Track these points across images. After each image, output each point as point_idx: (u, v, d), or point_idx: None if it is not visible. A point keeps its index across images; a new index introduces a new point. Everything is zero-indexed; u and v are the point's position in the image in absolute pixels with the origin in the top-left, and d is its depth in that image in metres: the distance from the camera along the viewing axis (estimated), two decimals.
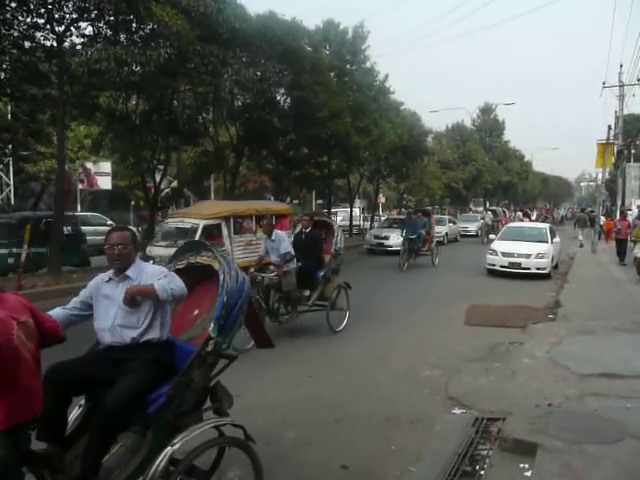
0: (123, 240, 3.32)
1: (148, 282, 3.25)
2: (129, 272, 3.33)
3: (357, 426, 5.04)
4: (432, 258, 18.04)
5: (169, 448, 2.99)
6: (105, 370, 3.22)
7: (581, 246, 24.07)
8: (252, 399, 5.34)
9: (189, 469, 3.15)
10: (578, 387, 5.78)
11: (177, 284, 3.24)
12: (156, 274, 3.31)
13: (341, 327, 8.85)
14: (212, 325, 3.17)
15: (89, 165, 27.37)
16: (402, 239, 17.24)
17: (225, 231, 12.10)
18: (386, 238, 21.76)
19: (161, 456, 2.96)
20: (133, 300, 3.23)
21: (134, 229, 5.21)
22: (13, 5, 11.95)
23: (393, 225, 23.47)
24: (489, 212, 30.03)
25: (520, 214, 33.64)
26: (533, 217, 37.01)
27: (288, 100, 19.80)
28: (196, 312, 3.77)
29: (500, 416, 5.08)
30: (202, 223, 11.49)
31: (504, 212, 37.61)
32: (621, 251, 17.47)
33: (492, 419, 5.08)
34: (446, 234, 26.66)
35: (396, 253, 19.93)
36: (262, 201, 19.59)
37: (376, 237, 22.45)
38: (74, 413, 3.32)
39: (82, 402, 3.40)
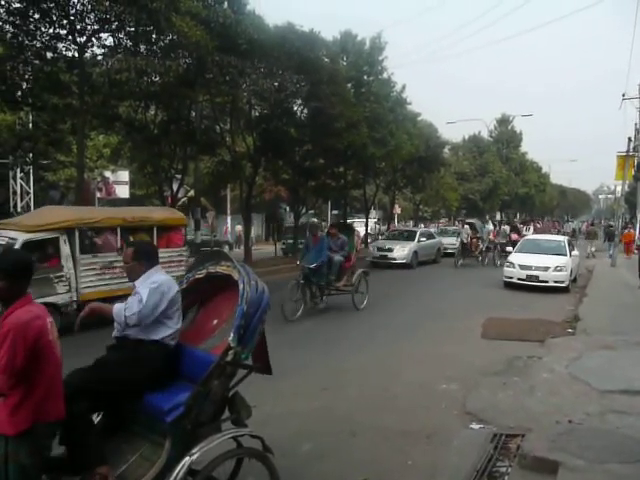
0: (125, 257, 3.63)
1: (138, 292, 3.40)
2: (136, 282, 3.52)
3: (373, 439, 4.96)
4: (353, 297, 11.40)
5: (187, 458, 2.97)
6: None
7: (593, 257, 25.06)
8: (267, 410, 5.29)
9: None
10: (599, 403, 5.64)
11: (133, 311, 3.30)
12: (143, 285, 3.42)
13: (363, 305, 11.43)
14: (232, 335, 3.14)
15: (107, 174, 27.68)
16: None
17: (66, 249, 9.12)
18: (390, 250, 20.74)
19: (179, 466, 2.95)
20: (88, 315, 3.41)
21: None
22: (36, 16, 12.20)
23: (398, 237, 22.89)
24: (466, 226, 22.57)
25: (507, 228, 25.96)
26: (529, 233, 28.85)
27: (305, 111, 19.89)
28: (215, 322, 3.76)
29: (519, 432, 4.97)
30: (22, 238, 8.59)
31: (497, 225, 28.48)
32: None
33: (511, 435, 4.97)
34: (415, 253, 20.95)
35: (401, 266, 19.91)
36: (141, 208, 14.90)
37: (379, 249, 21.31)
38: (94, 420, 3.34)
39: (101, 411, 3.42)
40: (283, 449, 3.99)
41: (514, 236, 24.11)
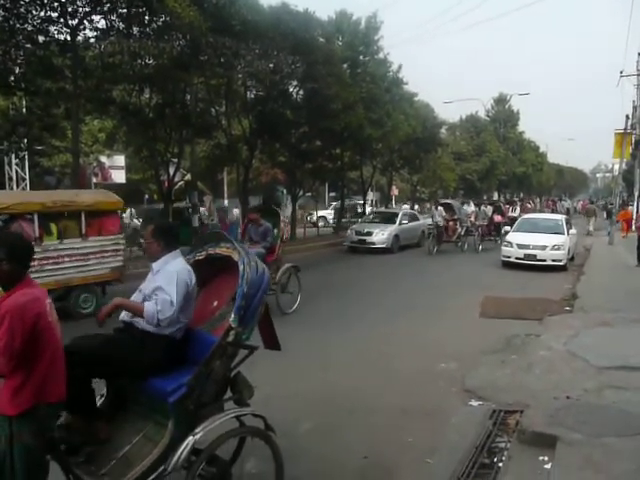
0: (146, 235, 3.67)
1: (157, 284, 3.38)
2: (154, 264, 3.53)
3: (373, 418, 5.03)
4: (278, 299, 9.04)
5: (191, 438, 3.01)
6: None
7: (591, 235, 25.16)
8: (268, 391, 5.33)
9: (210, 459, 3.18)
10: (596, 380, 5.71)
11: (166, 315, 3.27)
12: (166, 279, 3.37)
13: (292, 309, 9.23)
14: (233, 315, 3.16)
15: (103, 159, 27.50)
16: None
17: None
18: (369, 234, 19.22)
19: (183, 445, 2.99)
20: (112, 310, 3.40)
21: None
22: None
23: (378, 219, 21.18)
24: (439, 207, 19.87)
25: (489, 209, 22.27)
26: (515, 213, 25.67)
27: (301, 92, 19.73)
28: (215, 303, 3.78)
29: (518, 408, 5.03)
30: None
31: (480, 206, 22.99)
32: None
33: (510, 411, 5.04)
34: (396, 237, 19.60)
35: (381, 251, 18.60)
36: (65, 191, 12.78)
37: (358, 233, 19.58)
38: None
39: (104, 392, 3.47)
40: (284, 429, 4.03)
41: (497, 218, 21.66)
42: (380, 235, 19.20)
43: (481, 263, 16.46)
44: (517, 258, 15.19)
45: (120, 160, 28.43)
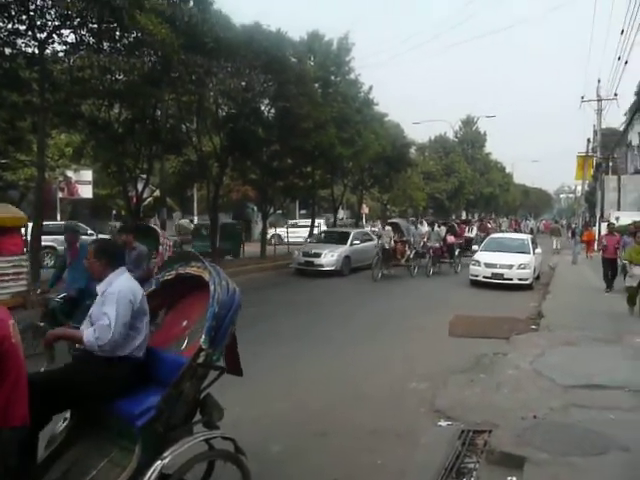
0: (88, 256, 3.55)
1: (99, 309, 3.32)
2: (99, 287, 3.46)
3: (343, 439, 4.98)
4: None
5: (159, 462, 2.93)
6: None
7: (557, 253, 26.42)
8: (237, 412, 5.24)
9: None
10: (562, 398, 5.80)
11: (105, 341, 3.17)
12: (107, 301, 3.29)
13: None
14: (203, 336, 3.11)
15: (70, 173, 27.01)
16: None
17: None
18: (316, 255, 17.66)
19: (151, 470, 2.90)
20: (51, 343, 3.35)
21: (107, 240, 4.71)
22: None
23: (329, 239, 19.60)
24: (387, 227, 18.46)
25: (442, 230, 19.93)
26: (472, 234, 24.78)
27: (272, 110, 19.81)
28: (184, 323, 3.69)
29: (486, 428, 5.06)
30: None
31: (433, 225, 21.02)
32: (610, 275, 13.96)
33: (478, 431, 5.05)
34: (347, 258, 18.14)
35: (329, 274, 17.13)
36: None
37: (305, 254, 18.03)
38: (59, 427, 3.29)
39: (67, 416, 3.35)
40: (253, 451, 3.95)
41: (450, 239, 19.67)
42: (329, 257, 17.66)
43: (434, 286, 16.48)
44: (485, 277, 15.44)
45: (87, 175, 27.99)
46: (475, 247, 19.46)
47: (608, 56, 24.91)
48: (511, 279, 15.17)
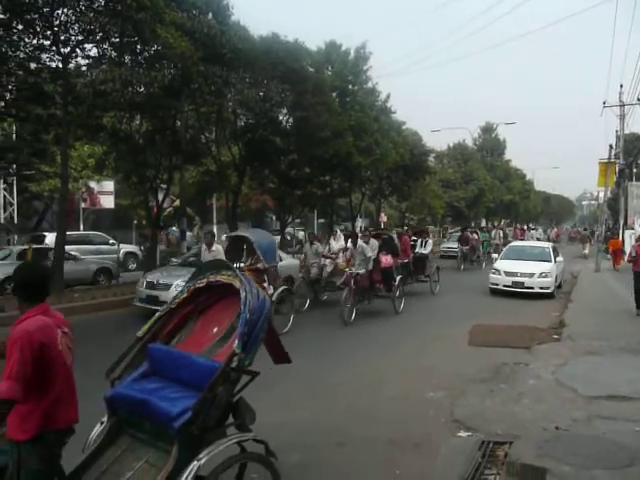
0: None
1: None
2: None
3: (361, 450, 4.95)
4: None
5: (195, 462, 3.02)
6: None
7: (585, 257, 27.58)
8: (258, 420, 5.25)
9: None
10: (585, 410, 5.70)
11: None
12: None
13: (285, 330, 9.24)
14: (236, 342, 3.21)
15: (92, 184, 27.49)
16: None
17: None
18: (166, 287, 10.90)
19: (188, 471, 2.98)
20: None
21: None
22: (20, 27, 12.12)
23: (180, 265, 13.27)
24: (340, 232, 14.96)
25: (372, 245, 12.13)
26: (426, 249, 16.50)
27: (290, 120, 19.93)
28: (215, 329, 3.82)
29: (507, 440, 4.99)
30: None
31: (354, 237, 12.09)
32: None
33: (499, 443, 4.99)
34: None
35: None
36: None
37: (149, 286, 11.40)
38: (95, 430, 3.41)
39: (104, 419, 3.45)
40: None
41: (386, 260, 12.39)
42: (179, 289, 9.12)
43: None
44: (505, 286, 15.25)
45: (109, 186, 28.46)
46: (495, 255, 19.14)
47: (630, 60, 24.56)
48: (532, 288, 14.97)
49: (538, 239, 33.34)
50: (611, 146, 28.23)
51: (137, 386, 3.42)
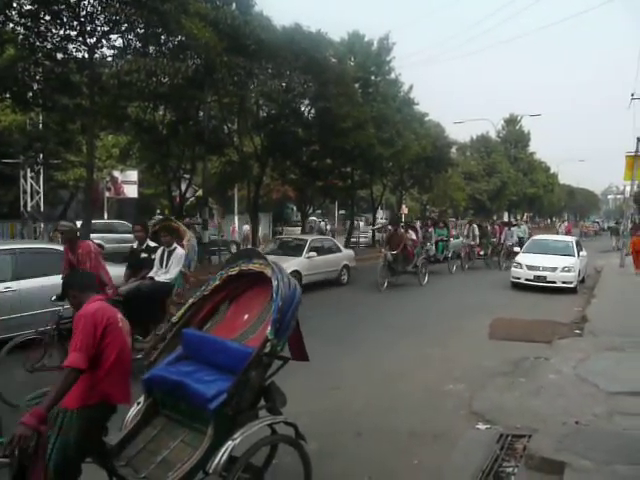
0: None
1: None
2: None
3: (379, 439, 5.00)
4: None
5: (230, 442, 3.15)
6: None
7: (616, 250, 27.46)
8: None
9: (245, 465, 3.29)
10: (606, 405, 5.65)
11: None
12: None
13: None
14: (269, 328, 3.31)
15: (116, 173, 27.87)
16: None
17: None
18: None
19: (222, 450, 3.12)
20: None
21: None
22: (47, 18, 12.30)
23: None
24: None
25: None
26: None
27: (312, 111, 19.93)
28: (246, 317, 3.92)
29: (526, 433, 4.99)
30: None
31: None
32: None
33: (517, 436, 4.99)
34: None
35: None
36: None
37: None
38: (132, 410, 3.55)
39: (140, 400, 3.59)
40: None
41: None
42: None
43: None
44: (527, 280, 15.11)
45: (133, 175, 28.80)
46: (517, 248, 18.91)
47: None
48: (554, 282, 14.79)
49: (520, 238, 23.11)
50: (638, 139, 27.54)
51: (173, 369, 3.55)
